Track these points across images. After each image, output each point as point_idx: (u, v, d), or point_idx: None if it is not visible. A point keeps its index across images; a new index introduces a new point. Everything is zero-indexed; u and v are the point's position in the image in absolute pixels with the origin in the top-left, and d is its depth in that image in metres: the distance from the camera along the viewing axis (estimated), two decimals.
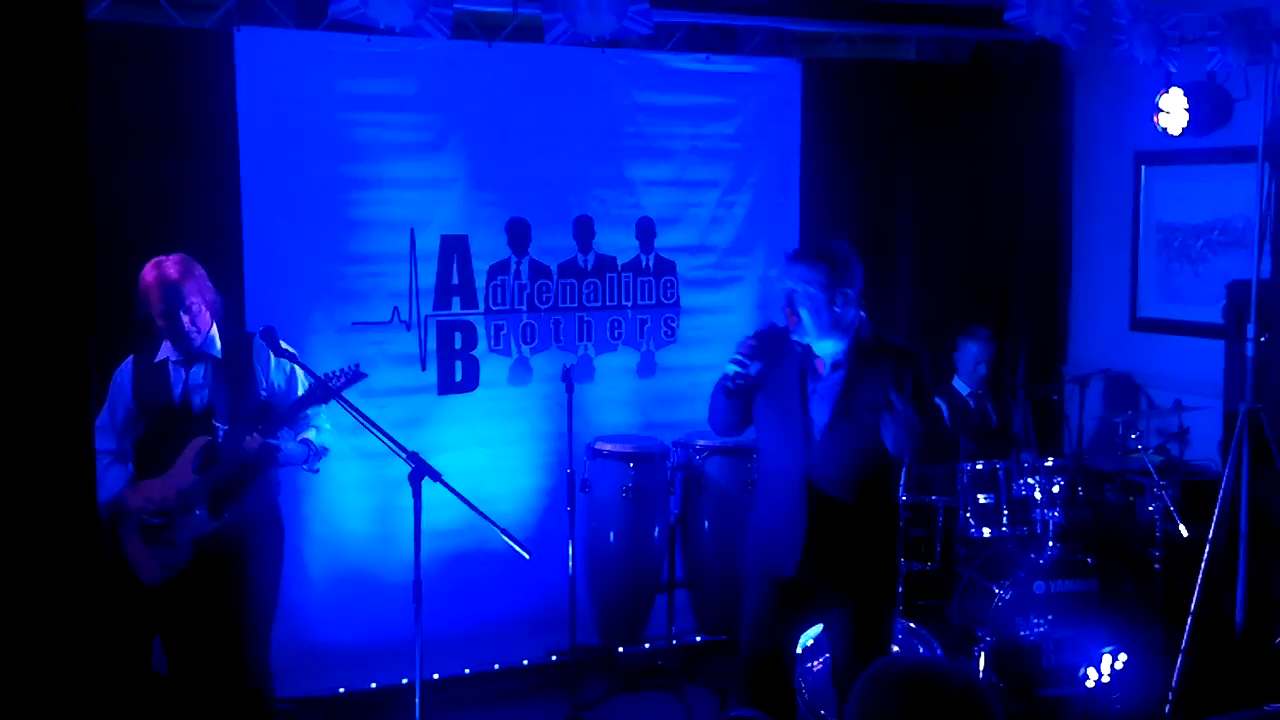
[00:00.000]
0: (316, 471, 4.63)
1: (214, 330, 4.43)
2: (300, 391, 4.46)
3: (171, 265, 4.32)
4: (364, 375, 4.36)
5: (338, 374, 4.31)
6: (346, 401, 4.23)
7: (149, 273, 4.31)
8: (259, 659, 4.49)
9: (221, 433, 4.32)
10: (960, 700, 2.08)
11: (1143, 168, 6.70)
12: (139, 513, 4.31)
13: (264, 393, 4.43)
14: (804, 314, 3.97)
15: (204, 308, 4.37)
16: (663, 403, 6.03)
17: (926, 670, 2.22)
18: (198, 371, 4.39)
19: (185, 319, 4.30)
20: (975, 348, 6.22)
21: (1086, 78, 6.96)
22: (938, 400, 5.31)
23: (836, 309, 3.97)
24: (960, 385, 6.26)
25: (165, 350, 4.42)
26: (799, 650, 5.14)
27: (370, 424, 4.16)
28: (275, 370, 4.46)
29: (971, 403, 6.24)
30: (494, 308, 5.73)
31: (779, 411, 4.12)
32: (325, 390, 4.28)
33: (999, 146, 6.85)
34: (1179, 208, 6.57)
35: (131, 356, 4.47)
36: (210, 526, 4.29)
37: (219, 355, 4.41)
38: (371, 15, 4.52)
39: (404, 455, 4.13)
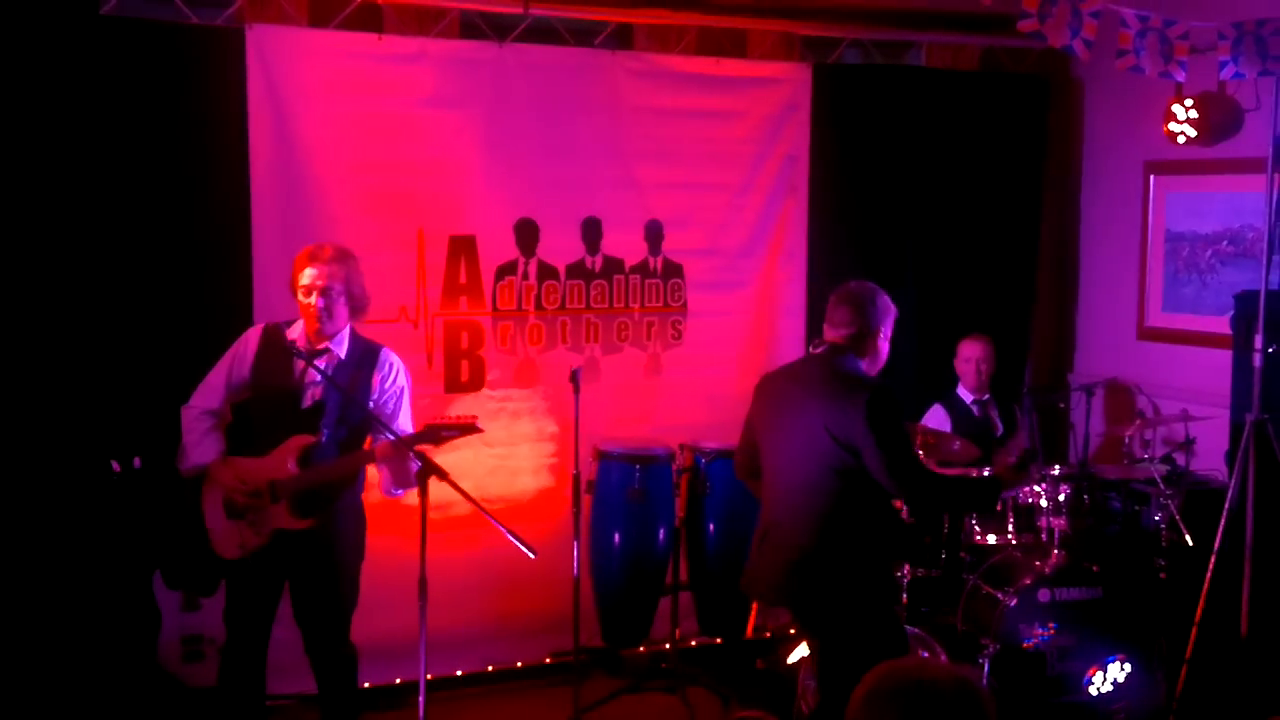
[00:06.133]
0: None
1: (347, 330, 4.39)
2: (404, 415, 4.44)
3: (330, 246, 4.34)
4: (479, 430, 4.32)
5: (451, 427, 4.25)
6: (380, 420, 4.26)
7: (307, 247, 4.36)
8: (341, 631, 4.53)
9: (326, 436, 4.29)
10: (956, 702, 2.08)
11: (1152, 177, 6.69)
12: (229, 489, 4.30)
13: (372, 405, 4.37)
14: None
15: (345, 300, 4.33)
16: (669, 405, 6.03)
17: (920, 680, 2.18)
18: (318, 365, 4.28)
19: (321, 302, 4.27)
20: (967, 348, 6.26)
21: (1096, 86, 6.96)
22: None
23: None
24: (963, 393, 6.26)
25: (296, 331, 4.38)
26: (800, 657, 5.15)
27: (384, 425, 4.19)
28: (389, 388, 4.42)
29: (975, 410, 6.23)
30: (501, 308, 5.73)
31: None
32: (434, 436, 4.23)
33: (1007, 153, 6.84)
34: (1188, 218, 6.56)
35: (263, 326, 4.45)
36: (295, 525, 4.27)
37: (342, 356, 4.35)
38: None
39: (411, 453, 4.14)
